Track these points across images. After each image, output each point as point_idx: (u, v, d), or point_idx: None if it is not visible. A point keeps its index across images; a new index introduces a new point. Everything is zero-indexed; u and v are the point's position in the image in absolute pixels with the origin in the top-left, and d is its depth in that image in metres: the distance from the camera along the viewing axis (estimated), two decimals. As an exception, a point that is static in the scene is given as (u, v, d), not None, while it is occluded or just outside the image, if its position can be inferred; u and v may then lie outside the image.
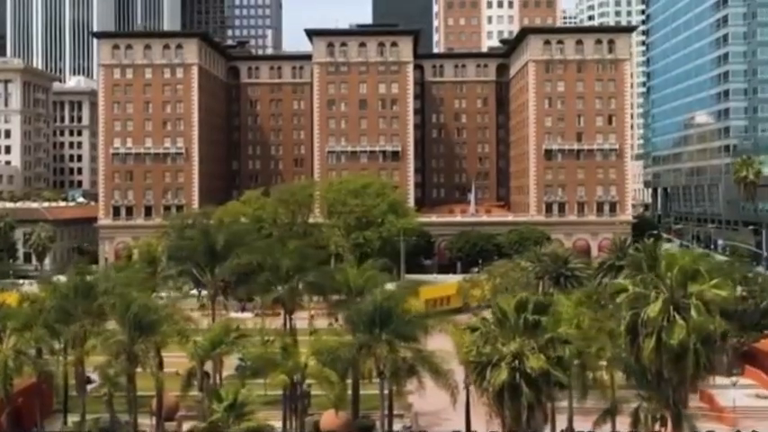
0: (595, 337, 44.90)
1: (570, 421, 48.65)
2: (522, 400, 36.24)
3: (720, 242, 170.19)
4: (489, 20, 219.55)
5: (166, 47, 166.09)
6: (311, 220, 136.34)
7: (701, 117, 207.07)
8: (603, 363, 47.21)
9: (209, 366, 56.99)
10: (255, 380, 51.47)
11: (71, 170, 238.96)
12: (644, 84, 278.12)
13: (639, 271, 40.45)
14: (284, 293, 62.29)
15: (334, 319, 71.41)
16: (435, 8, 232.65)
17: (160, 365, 54.43)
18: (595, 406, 50.20)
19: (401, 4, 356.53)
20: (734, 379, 66.23)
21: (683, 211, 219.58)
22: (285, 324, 64.79)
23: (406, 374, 48.07)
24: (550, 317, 38.79)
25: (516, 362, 36.40)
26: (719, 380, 74.77)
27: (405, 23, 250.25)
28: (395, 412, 64.92)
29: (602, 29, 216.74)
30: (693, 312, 35.92)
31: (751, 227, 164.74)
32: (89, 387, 60.34)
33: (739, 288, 79.82)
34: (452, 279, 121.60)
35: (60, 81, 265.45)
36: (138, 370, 50.38)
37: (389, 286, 63.68)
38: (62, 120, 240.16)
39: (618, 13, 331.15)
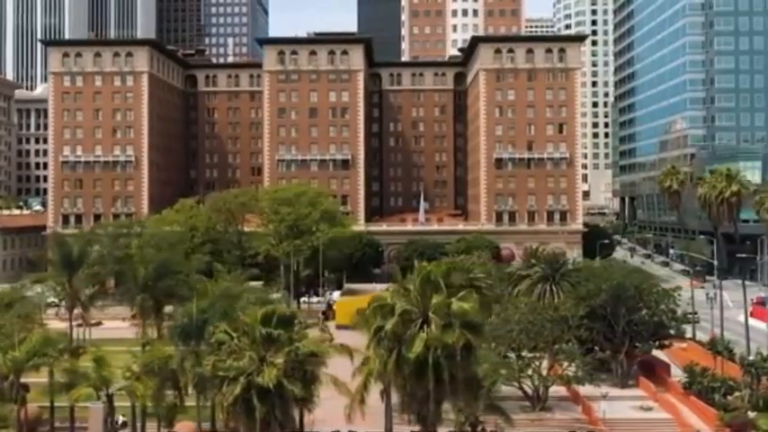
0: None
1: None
2: (256, 414, 35.76)
3: (672, 251, 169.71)
4: (454, 28, 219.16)
5: (116, 54, 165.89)
6: (253, 229, 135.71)
7: (663, 126, 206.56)
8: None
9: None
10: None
11: (37, 178, 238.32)
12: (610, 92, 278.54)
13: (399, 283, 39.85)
14: (137, 303, 61.86)
15: None
16: (402, 17, 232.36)
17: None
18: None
19: (386, 11, 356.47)
20: (603, 391, 65.73)
21: (647, 219, 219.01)
22: (145, 334, 64.29)
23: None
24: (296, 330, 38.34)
25: (251, 376, 35.98)
26: (613, 391, 74.61)
27: (389, 31, 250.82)
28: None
29: (553, 37, 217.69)
30: (433, 326, 35.40)
31: (702, 236, 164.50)
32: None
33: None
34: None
35: (30, 89, 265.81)
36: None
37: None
38: (28, 127, 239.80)
39: (594, 22, 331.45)
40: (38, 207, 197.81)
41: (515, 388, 69.61)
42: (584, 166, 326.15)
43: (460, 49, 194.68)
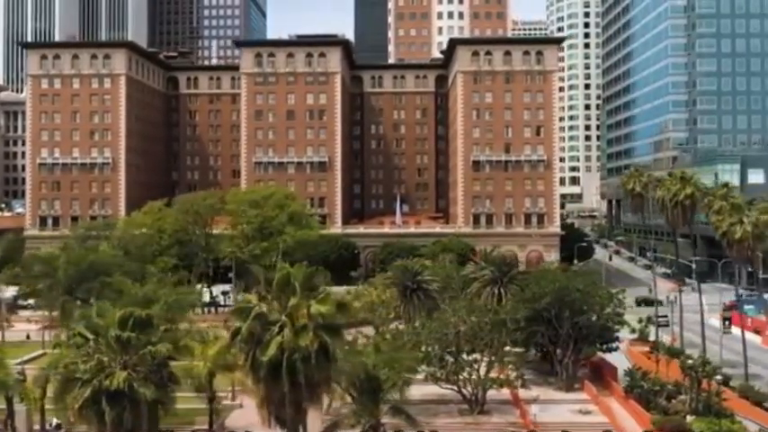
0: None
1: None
2: (105, 417, 35.52)
3: (649, 254, 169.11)
4: (440, 31, 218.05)
5: (94, 57, 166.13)
6: (221, 231, 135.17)
7: (648, 129, 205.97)
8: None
9: None
10: None
11: (23, 180, 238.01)
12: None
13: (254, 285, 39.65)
14: (59, 305, 61.70)
15: None
16: (388, 19, 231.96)
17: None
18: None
19: (381, 14, 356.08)
20: (534, 395, 65.25)
21: (632, 222, 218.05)
22: (57, 336, 63.96)
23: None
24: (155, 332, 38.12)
25: (101, 379, 35.73)
26: (557, 394, 74.30)
27: (384, 34, 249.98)
28: (197, 427, 64.82)
29: (530, 40, 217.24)
30: (287, 329, 35.07)
31: (683, 239, 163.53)
32: None
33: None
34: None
35: (20, 91, 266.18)
36: None
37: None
38: (15, 129, 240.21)
39: (587, 24, 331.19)
40: (20, 209, 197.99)
41: (455, 391, 69.30)
42: (577, 169, 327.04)
43: (442, 52, 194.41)
